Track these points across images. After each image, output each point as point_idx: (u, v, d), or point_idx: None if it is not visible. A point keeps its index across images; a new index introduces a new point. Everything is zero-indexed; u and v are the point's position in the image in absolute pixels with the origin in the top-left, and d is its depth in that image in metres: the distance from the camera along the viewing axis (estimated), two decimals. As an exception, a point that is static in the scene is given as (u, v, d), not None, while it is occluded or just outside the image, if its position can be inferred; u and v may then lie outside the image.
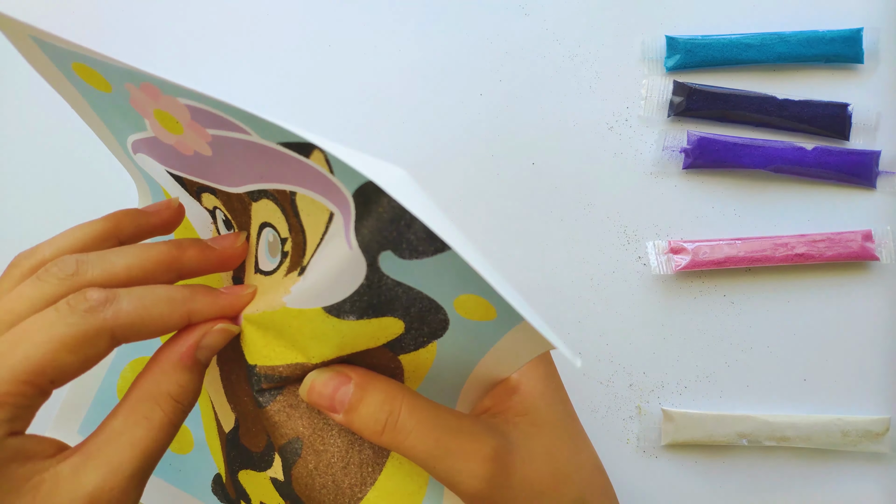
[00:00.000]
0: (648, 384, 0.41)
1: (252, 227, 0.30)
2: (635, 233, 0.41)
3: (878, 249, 0.40)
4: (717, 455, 0.41)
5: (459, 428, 0.28)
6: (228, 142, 0.27)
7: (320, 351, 0.28)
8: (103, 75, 0.28)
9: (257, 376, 0.29)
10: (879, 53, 0.40)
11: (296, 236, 0.28)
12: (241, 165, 0.28)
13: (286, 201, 0.28)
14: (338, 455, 0.29)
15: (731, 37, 0.40)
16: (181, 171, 0.30)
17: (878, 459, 0.40)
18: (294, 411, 0.29)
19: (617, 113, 0.41)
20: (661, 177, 0.41)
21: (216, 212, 0.31)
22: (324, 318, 0.26)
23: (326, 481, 0.29)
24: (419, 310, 0.26)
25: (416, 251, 0.24)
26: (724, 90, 0.40)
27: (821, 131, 0.40)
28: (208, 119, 0.27)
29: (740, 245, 0.40)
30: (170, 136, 0.29)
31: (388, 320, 0.27)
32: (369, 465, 0.30)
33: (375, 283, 0.25)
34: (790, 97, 0.40)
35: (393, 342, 0.28)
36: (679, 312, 0.41)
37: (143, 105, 0.28)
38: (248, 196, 0.29)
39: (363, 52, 0.43)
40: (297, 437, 0.29)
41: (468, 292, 0.25)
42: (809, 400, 0.40)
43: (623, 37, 0.41)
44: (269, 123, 0.24)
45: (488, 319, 0.26)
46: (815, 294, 0.40)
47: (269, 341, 0.29)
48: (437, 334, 0.27)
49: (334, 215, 0.26)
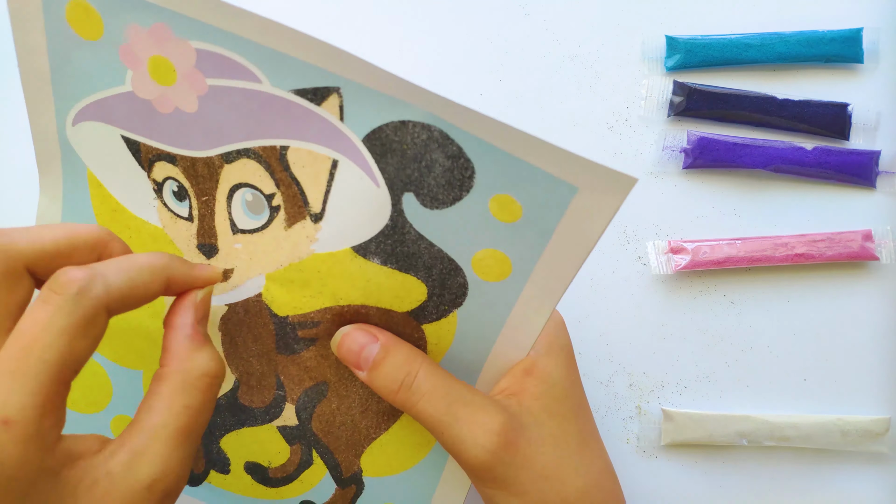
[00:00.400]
0: (648, 384, 0.41)
1: (219, 191, 0.30)
2: (635, 233, 0.41)
3: (878, 249, 0.40)
4: (717, 455, 0.41)
5: (471, 400, 0.30)
6: (227, 93, 0.28)
7: (348, 294, 0.30)
8: (103, 15, 0.28)
9: (291, 325, 0.31)
10: (879, 53, 0.40)
11: (286, 189, 0.29)
12: (228, 122, 0.28)
13: (273, 157, 0.29)
14: (358, 402, 0.33)
15: (731, 37, 0.40)
16: (143, 134, 0.30)
17: (878, 459, 0.40)
18: (325, 360, 0.32)
19: (617, 113, 0.41)
20: (661, 177, 0.41)
21: (165, 184, 0.31)
22: (352, 257, 0.29)
23: (346, 420, 0.33)
24: (440, 272, 0.29)
25: (436, 199, 0.27)
26: (724, 90, 0.40)
27: (821, 131, 0.40)
28: (215, 66, 0.27)
29: (740, 245, 0.40)
30: (154, 88, 0.29)
31: (411, 280, 0.29)
32: (385, 415, 0.33)
33: (399, 227, 0.28)
34: (790, 97, 0.40)
35: (417, 310, 0.30)
36: (679, 312, 0.41)
37: (139, 51, 0.28)
38: (222, 158, 0.29)
39: (363, 53, 0.43)
40: (325, 381, 0.32)
41: (484, 247, 0.28)
42: (809, 400, 0.40)
43: (623, 37, 0.41)
44: (293, 60, 0.26)
45: (503, 278, 0.29)
46: (815, 294, 0.40)
47: (295, 293, 0.31)
48: (458, 302, 0.30)
49: (339, 162, 0.28)
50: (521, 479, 0.30)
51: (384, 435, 0.34)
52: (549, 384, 0.31)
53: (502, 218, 0.27)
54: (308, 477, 0.35)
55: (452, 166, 0.27)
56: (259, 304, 0.32)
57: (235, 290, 0.32)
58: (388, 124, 0.27)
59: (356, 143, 0.28)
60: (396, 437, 0.34)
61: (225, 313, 0.33)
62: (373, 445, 0.34)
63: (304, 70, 0.27)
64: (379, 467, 0.34)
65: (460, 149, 0.26)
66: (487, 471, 0.30)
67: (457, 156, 0.27)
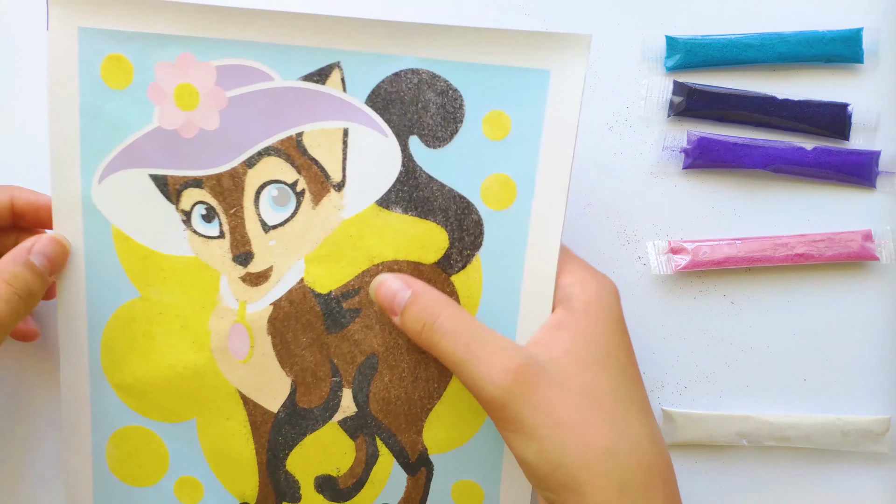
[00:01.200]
0: (648, 384, 0.41)
1: (245, 198, 0.35)
2: (635, 233, 0.41)
3: (878, 249, 0.40)
4: (717, 455, 0.41)
5: (491, 340, 0.30)
6: (245, 99, 0.34)
7: (380, 250, 0.34)
8: (133, 61, 0.34)
9: (336, 299, 0.35)
10: (879, 53, 0.40)
11: (308, 171, 0.34)
12: (248, 126, 0.34)
13: (291, 146, 0.34)
14: (408, 370, 0.35)
15: (731, 37, 0.40)
16: (170, 166, 0.35)
17: (878, 459, 0.40)
18: (370, 331, 0.35)
19: (617, 113, 0.41)
20: (661, 177, 0.41)
21: (193, 210, 0.35)
22: (377, 212, 0.34)
23: (400, 393, 0.35)
24: (455, 213, 0.34)
25: (437, 137, 0.33)
26: (724, 90, 0.40)
27: (821, 131, 0.40)
28: (234, 77, 0.33)
29: (740, 245, 0.40)
30: (179, 116, 0.34)
31: (431, 226, 0.34)
32: (435, 382, 0.35)
33: (412, 171, 0.34)
34: (790, 97, 0.40)
35: (443, 259, 0.34)
36: (679, 312, 0.41)
37: (166, 84, 0.34)
38: (244, 164, 0.34)
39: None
40: (374, 354, 0.35)
41: (488, 174, 0.33)
42: (809, 400, 0.40)
43: (623, 37, 0.41)
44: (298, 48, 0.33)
45: (511, 203, 0.33)
46: (815, 294, 0.40)
47: (333, 267, 0.35)
48: (477, 243, 0.34)
49: (349, 129, 0.34)
50: (538, 423, 0.29)
51: (439, 405, 0.36)
52: (582, 340, 0.31)
53: (496, 136, 0.33)
54: (378, 474, 0.36)
55: (444, 101, 0.33)
56: (303, 290, 0.35)
57: (277, 286, 0.35)
58: (384, 80, 0.33)
59: (360, 107, 0.33)
60: (451, 406, 0.36)
61: (271, 314, 0.35)
62: (430, 418, 0.36)
63: (307, 55, 0.33)
64: (441, 441, 0.36)
65: (447, 82, 0.33)
66: (501, 409, 0.29)
67: (445, 90, 0.33)
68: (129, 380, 0.36)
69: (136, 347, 0.36)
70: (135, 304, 0.36)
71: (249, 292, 0.35)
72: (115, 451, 0.37)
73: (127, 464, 0.37)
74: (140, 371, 0.36)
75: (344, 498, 0.37)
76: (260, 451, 0.36)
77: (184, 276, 0.35)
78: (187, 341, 0.36)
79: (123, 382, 0.36)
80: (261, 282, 0.35)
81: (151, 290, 0.35)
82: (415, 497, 0.37)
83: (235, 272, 0.35)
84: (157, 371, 0.36)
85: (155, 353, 0.36)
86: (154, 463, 0.37)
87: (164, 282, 0.35)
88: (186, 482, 0.37)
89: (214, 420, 0.36)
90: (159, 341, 0.36)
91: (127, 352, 0.36)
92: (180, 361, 0.36)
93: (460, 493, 0.36)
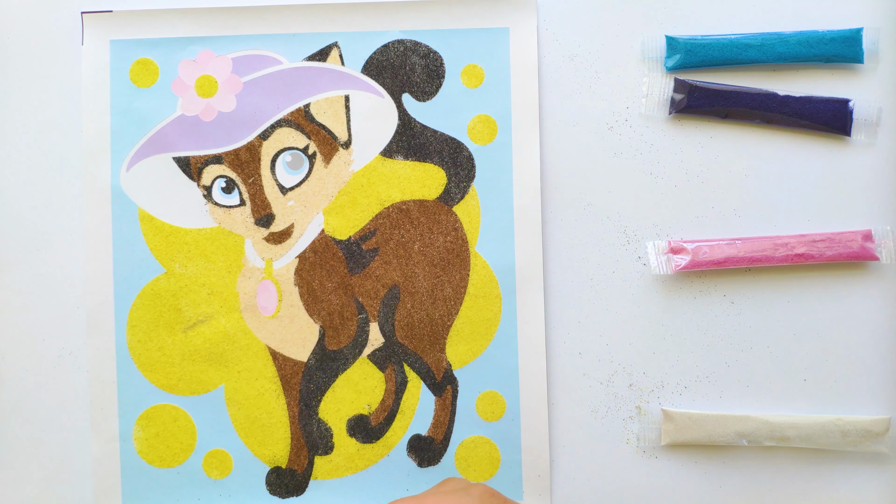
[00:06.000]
0: (648, 384, 0.41)
1: (262, 166, 0.40)
2: (635, 233, 0.41)
3: (878, 249, 0.40)
4: (717, 455, 0.41)
5: None
6: (258, 82, 0.39)
7: (389, 194, 0.40)
8: (160, 63, 0.39)
9: (356, 242, 0.40)
10: (879, 53, 0.40)
11: (317, 136, 0.40)
12: (261, 103, 0.39)
13: (300, 117, 0.40)
14: (426, 293, 0.40)
15: (731, 37, 0.40)
16: (191, 148, 0.39)
17: (878, 459, 0.40)
18: (389, 266, 0.40)
19: (617, 113, 0.41)
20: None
21: (214, 184, 0.40)
22: (382, 162, 0.40)
23: (422, 316, 0.40)
24: (449, 153, 0.40)
25: (425, 92, 0.40)
26: (726, 87, 0.40)
27: (822, 127, 0.40)
28: (248, 65, 0.39)
29: (740, 245, 0.40)
30: (200, 103, 0.39)
31: (430, 167, 0.40)
32: (451, 300, 0.40)
33: (407, 123, 0.40)
34: (791, 94, 0.40)
35: (444, 194, 0.40)
36: (679, 312, 0.41)
37: (188, 78, 0.39)
38: (259, 137, 0.40)
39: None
40: (395, 285, 0.40)
41: (471, 115, 0.40)
42: (809, 400, 0.40)
43: (623, 37, 0.41)
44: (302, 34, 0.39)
45: (494, 138, 0.40)
46: (815, 294, 0.40)
47: (349, 214, 0.40)
48: (471, 175, 0.40)
49: (349, 95, 0.40)
50: None
51: (457, 319, 0.40)
52: None
53: (473, 85, 0.40)
54: (407, 402, 0.39)
55: (427, 63, 0.40)
56: (324, 239, 0.40)
57: (300, 241, 0.40)
58: (375, 51, 0.40)
59: (358, 76, 0.40)
60: (467, 317, 0.40)
61: (297, 266, 0.39)
62: (451, 334, 0.40)
63: (309, 39, 0.40)
64: (462, 354, 0.40)
65: (427, 46, 0.40)
66: None
67: (427, 53, 0.40)
68: (156, 356, 0.39)
69: (163, 323, 0.39)
70: (159, 280, 0.39)
71: (274, 250, 0.39)
72: (143, 432, 0.39)
73: (155, 445, 0.39)
74: (167, 345, 0.39)
75: (376, 436, 0.39)
76: (292, 404, 0.39)
77: (208, 245, 0.39)
78: (214, 307, 0.39)
79: (150, 360, 0.39)
80: (284, 239, 0.39)
81: (176, 265, 0.39)
82: (443, 419, 0.39)
83: (259, 234, 0.39)
84: (185, 342, 0.39)
85: (181, 324, 0.39)
86: (182, 441, 0.39)
87: (189, 254, 0.39)
88: (215, 455, 0.39)
89: (243, 382, 0.39)
90: (186, 312, 0.39)
91: (153, 328, 0.39)
92: (209, 327, 0.39)
93: (484, 405, 0.39)
